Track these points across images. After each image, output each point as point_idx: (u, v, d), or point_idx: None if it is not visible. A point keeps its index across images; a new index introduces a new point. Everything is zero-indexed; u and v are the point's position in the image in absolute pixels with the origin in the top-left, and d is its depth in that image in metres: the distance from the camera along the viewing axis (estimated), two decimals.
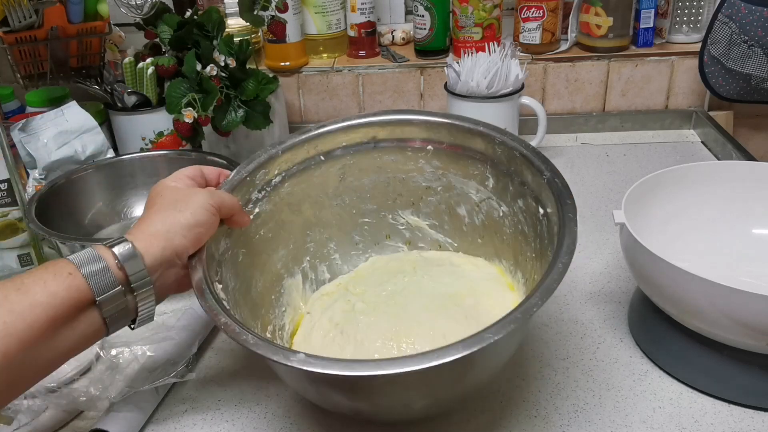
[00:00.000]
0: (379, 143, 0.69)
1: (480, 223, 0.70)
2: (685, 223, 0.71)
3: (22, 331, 0.42)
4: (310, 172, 0.68)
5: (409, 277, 0.70)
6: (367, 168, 0.70)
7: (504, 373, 0.63)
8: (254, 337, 0.47)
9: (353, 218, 0.72)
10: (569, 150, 1.10)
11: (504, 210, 0.66)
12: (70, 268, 0.46)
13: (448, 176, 0.70)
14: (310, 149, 0.68)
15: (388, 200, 0.72)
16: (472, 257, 0.71)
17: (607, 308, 0.71)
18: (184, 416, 0.61)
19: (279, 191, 0.66)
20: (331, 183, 0.70)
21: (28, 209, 0.78)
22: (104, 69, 1.01)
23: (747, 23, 0.96)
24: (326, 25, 1.15)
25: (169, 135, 1.00)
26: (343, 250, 0.72)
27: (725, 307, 0.53)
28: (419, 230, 0.74)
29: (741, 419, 0.57)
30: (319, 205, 0.70)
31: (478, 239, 0.71)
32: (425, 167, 0.70)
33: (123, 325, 0.50)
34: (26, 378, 0.45)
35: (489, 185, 0.67)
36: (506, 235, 0.67)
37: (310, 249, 0.70)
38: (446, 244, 0.73)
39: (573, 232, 0.52)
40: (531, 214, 0.62)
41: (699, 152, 1.08)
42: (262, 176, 0.65)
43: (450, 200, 0.71)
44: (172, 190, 0.55)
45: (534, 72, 1.12)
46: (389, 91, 1.15)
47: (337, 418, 0.59)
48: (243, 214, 0.60)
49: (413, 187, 0.72)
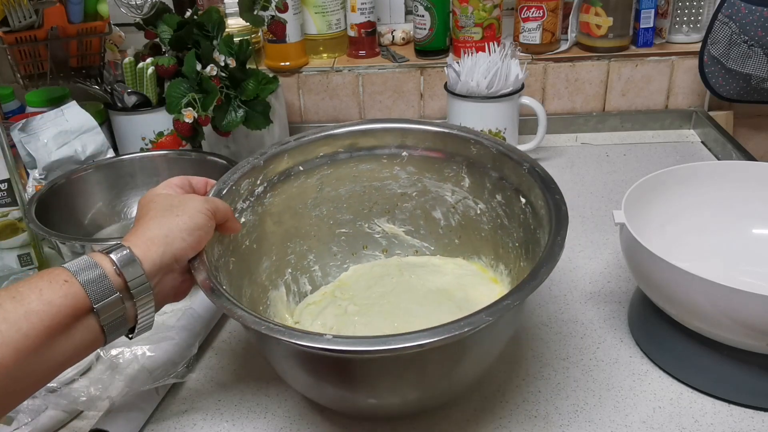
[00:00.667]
0: (355, 152, 0.70)
1: (456, 224, 0.71)
2: (685, 223, 0.71)
3: (17, 341, 0.41)
4: (290, 182, 0.69)
5: (396, 278, 0.71)
6: (344, 177, 0.71)
7: (504, 373, 0.63)
8: (272, 324, 0.47)
9: (331, 229, 0.73)
10: (569, 150, 1.10)
11: (481, 207, 0.68)
12: (65, 276, 0.45)
13: (423, 181, 0.71)
14: (289, 160, 0.69)
15: (364, 209, 0.73)
16: (450, 258, 0.73)
17: (607, 308, 0.71)
18: (184, 416, 0.61)
19: (262, 201, 0.67)
20: (309, 193, 0.71)
21: (28, 209, 0.78)
22: (104, 69, 1.01)
23: (747, 23, 0.96)
24: (326, 25, 1.15)
25: (169, 135, 1.00)
26: (322, 262, 0.73)
27: (725, 307, 0.53)
28: (395, 237, 0.75)
29: (741, 419, 0.57)
30: (299, 215, 0.71)
31: (456, 240, 0.72)
32: (400, 174, 0.71)
33: (121, 333, 0.50)
34: (22, 388, 0.44)
35: (465, 185, 0.69)
36: (484, 231, 0.69)
37: (291, 261, 0.71)
38: (423, 248, 0.75)
39: (563, 210, 0.55)
40: (511, 206, 0.64)
41: (699, 152, 1.08)
42: (246, 186, 0.65)
43: (425, 204, 0.72)
44: (164, 196, 0.55)
45: (534, 72, 1.12)
46: (389, 91, 1.15)
47: (336, 417, 0.59)
48: (235, 221, 0.59)
49: (389, 194, 0.73)
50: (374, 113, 1.17)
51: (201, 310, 0.70)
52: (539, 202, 0.59)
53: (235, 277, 0.61)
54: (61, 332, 0.44)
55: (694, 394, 0.60)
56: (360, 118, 1.17)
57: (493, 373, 0.63)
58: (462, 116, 0.99)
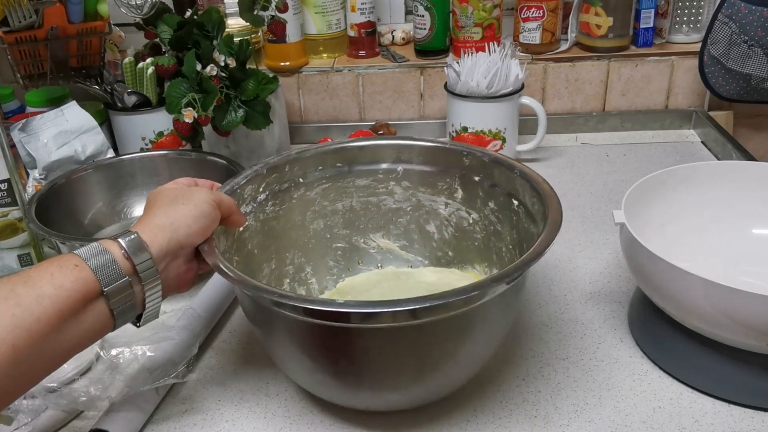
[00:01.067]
0: (353, 166, 0.72)
1: (450, 236, 0.73)
2: (685, 223, 0.71)
3: (30, 324, 0.42)
4: (290, 193, 0.70)
5: (393, 282, 0.72)
6: (341, 192, 0.73)
7: (504, 373, 0.63)
8: (283, 292, 0.50)
9: (327, 243, 0.74)
10: (569, 150, 1.10)
11: (474, 217, 0.70)
12: (76, 260, 0.46)
13: (417, 195, 0.73)
14: (290, 171, 0.70)
15: (360, 224, 0.75)
16: (445, 269, 0.74)
17: (607, 308, 0.71)
18: (184, 416, 0.61)
19: (264, 209, 0.68)
20: (308, 206, 0.72)
21: (28, 209, 0.78)
22: (104, 69, 1.01)
23: (747, 23, 0.96)
24: (326, 25, 1.15)
25: (169, 135, 1.00)
26: (319, 276, 0.74)
27: (725, 307, 0.53)
28: (390, 252, 0.76)
29: (741, 419, 0.57)
30: (297, 227, 0.72)
31: (449, 252, 0.74)
32: (395, 189, 0.73)
33: (130, 319, 0.50)
34: (33, 373, 0.45)
35: (458, 197, 0.71)
36: (478, 240, 0.70)
37: (289, 271, 0.72)
38: (417, 262, 0.76)
39: (557, 201, 0.56)
40: (504, 211, 0.66)
41: (699, 152, 1.08)
42: (249, 191, 0.67)
43: (419, 219, 0.74)
44: (171, 189, 0.56)
45: (534, 72, 1.12)
46: (389, 91, 1.15)
47: (337, 418, 0.59)
48: (240, 214, 0.60)
49: (384, 209, 0.74)
50: (374, 113, 1.17)
51: (201, 310, 0.69)
52: (532, 200, 0.60)
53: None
54: (72, 316, 0.45)
55: (694, 394, 0.60)
56: (360, 118, 1.17)
57: (493, 373, 0.63)
58: (462, 116, 0.99)
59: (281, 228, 0.70)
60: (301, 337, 0.53)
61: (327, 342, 0.52)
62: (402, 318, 0.48)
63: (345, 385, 0.56)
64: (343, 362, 0.53)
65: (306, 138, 1.17)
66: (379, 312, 0.48)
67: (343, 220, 0.74)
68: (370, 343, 0.51)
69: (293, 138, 1.13)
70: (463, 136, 0.99)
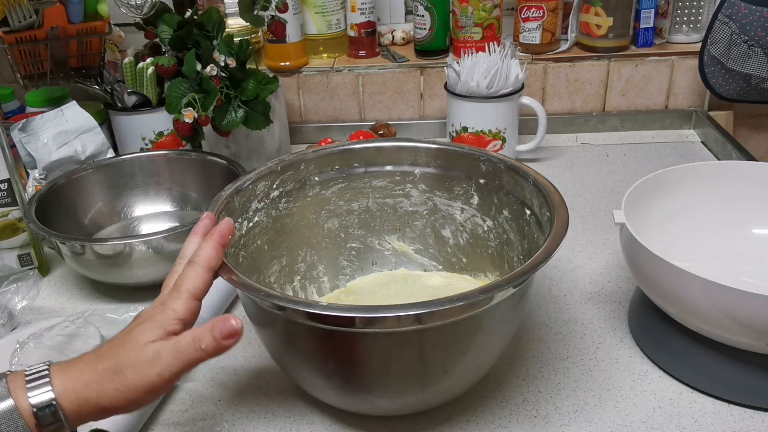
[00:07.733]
0: (370, 167, 0.72)
1: (465, 242, 0.72)
2: (685, 223, 0.71)
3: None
4: (304, 191, 0.70)
5: (401, 284, 0.72)
6: (358, 192, 0.72)
7: (504, 373, 0.63)
8: (285, 297, 0.49)
9: (341, 242, 0.74)
10: (569, 150, 1.10)
11: (489, 224, 0.69)
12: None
13: (433, 199, 0.72)
14: (306, 169, 0.70)
15: (375, 225, 0.74)
16: (457, 274, 0.73)
17: (607, 308, 0.71)
18: (184, 416, 0.61)
19: (277, 206, 0.68)
20: (323, 205, 0.72)
21: (28, 209, 0.78)
22: (104, 69, 1.01)
23: (747, 23, 0.96)
24: (326, 25, 1.15)
25: (169, 135, 1.00)
26: (331, 274, 0.74)
27: (725, 307, 0.53)
28: (405, 255, 0.75)
29: (741, 419, 0.57)
30: (311, 225, 0.72)
31: (463, 259, 0.73)
32: (412, 191, 0.72)
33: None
34: None
35: (474, 202, 0.70)
36: (491, 248, 0.70)
37: (300, 269, 0.71)
38: (431, 267, 0.75)
39: (564, 212, 0.56)
40: (517, 220, 0.65)
41: (699, 152, 1.08)
42: (262, 188, 0.66)
43: (435, 223, 0.73)
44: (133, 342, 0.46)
45: (534, 72, 1.12)
46: (389, 91, 1.15)
47: (337, 418, 0.59)
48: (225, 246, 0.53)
49: (400, 212, 0.74)
50: (374, 113, 1.17)
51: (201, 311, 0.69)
52: (542, 210, 0.60)
53: (244, 271, 0.61)
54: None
55: (694, 394, 0.60)
56: (360, 119, 1.17)
57: (493, 373, 0.63)
58: (462, 116, 0.99)
59: (294, 225, 0.70)
60: (303, 339, 0.53)
61: (328, 345, 0.52)
62: (406, 322, 0.48)
63: (345, 388, 0.55)
64: (344, 366, 0.53)
65: (306, 138, 1.17)
66: (381, 317, 0.47)
67: (359, 220, 0.74)
68: (372, 347, 0.50)
69: (293, 138, 1.13)
70: (463, 136, 0.99)
